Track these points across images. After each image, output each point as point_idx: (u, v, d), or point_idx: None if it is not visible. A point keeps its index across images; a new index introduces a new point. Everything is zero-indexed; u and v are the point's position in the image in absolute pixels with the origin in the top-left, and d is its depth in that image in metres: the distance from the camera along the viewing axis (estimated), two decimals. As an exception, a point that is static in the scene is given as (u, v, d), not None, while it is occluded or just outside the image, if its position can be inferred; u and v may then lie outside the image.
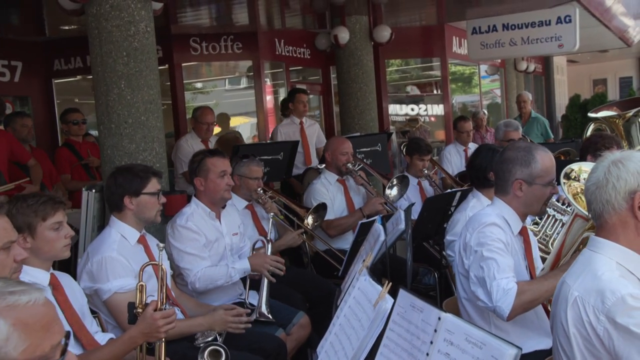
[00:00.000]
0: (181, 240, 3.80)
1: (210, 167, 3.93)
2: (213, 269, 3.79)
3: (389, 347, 2.06)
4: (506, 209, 2.98)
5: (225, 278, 3.80)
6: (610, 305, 1.94)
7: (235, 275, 3.83)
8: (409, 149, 6.15)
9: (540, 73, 17.84)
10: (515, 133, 6.22)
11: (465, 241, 2.96)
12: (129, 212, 3.37)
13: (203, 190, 3.96)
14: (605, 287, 1.98)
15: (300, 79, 10.95)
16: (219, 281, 3.79)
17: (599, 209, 2.12)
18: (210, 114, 6.64)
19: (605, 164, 2.12)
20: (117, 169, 3.52)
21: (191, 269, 3.75)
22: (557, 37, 9.62)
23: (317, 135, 7.79)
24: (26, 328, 1.34)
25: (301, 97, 7.59)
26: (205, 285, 3.77)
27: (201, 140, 6.54)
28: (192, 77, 9.99)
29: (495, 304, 2.71)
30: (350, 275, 2.91)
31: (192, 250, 3.79)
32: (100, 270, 3.17)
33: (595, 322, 1.97)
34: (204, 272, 3.75)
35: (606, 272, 2.02)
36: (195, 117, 6.65)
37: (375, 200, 5.19)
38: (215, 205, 4.01)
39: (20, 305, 1.36)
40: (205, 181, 3.93)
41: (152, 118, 4.50)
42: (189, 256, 3.78)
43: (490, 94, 15.15)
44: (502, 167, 3.00)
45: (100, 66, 4.42)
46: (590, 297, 2.00)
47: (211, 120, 6.58)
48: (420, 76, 12.81)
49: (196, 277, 3.74)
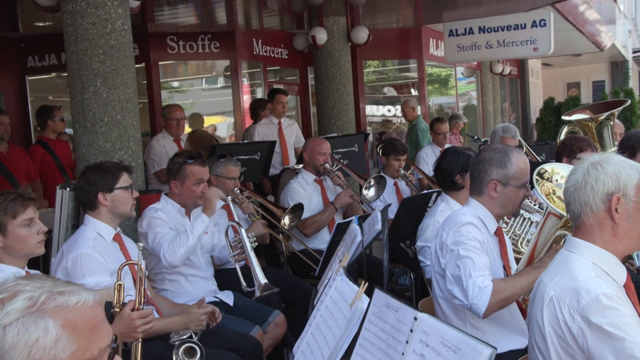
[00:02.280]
0: (150, 225, 3.87)
1: (189, 174, 3.96)
2: (176, 237, 3.82)
3: (365, 347, 2.07)
4: (481, 209, 3.00)
5: (189, 237, 3.78)
6: (585, 304, 1.97)
7: (195, 229, 3.81)
8: (385, 150, 6.17)
9: (516, 76, 18.06)
10: (512, 140, 5.84)
11: (442, 240, 2.98)
12: (103, 209, 3.36)
13: (178, 193, 3.98)
14: (581, 287, 2.00)
15: (277, 79, 10.94)
16: (185, 243, 3.77)
17: (577, 210, 2.15)
18: (178, 109, 6.62)
19: (584, 165, 2.15)
20: (86, 168, 3.50)
21: (161, 244, 3.79)
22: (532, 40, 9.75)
23: (296, 135, 7.78)
24: (75, 330, 1.30)
25: (281, 97, 7.56)
26: (175, 252, 3.74)
27: (173, 139, 6.50)
28: (168, 75, 9.92)
29: (471, 301, 2.74)
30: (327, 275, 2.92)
31: (159, 230, 3.84)
32: (75, 267, 3.15)
33: (570, 321, 2.00)
34: (168, 244, 3.78)
35: (582, 272, 2.05)
36: (164, 115, 6.63)
37: (344, 193, 5.24)
38: (186, 207, 4.03)
39: (70, 306, 1.31)
40: (181, 186, 3.97)
41: (128, 117, 4.46)
42: (158, 234, 3.83)
43: (467, 95, 15.28)
44: (477, 167, 3.02)
45: (75, 64, 4.37)
46: (566, 296, 2.03)
47: (180, 116, 6.54)
48: (397, 77, 12.87)
49: (164, 250, 3.76)
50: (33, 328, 1.26)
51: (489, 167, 2.97)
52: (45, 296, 1.29)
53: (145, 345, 2.88)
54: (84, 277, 3.13)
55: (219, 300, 4.00)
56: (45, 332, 1.27)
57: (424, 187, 6.49)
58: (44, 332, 1.27)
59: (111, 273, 3.19)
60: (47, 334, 1.27)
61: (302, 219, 5.05)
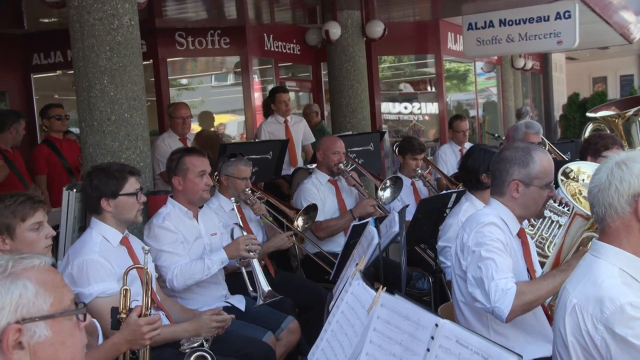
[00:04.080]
0: (157, 239, 3.81)
1: (189, 167, 3.95)
2: (190, 264, 3.81)
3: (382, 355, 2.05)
4: (503, 210, 2.98)
5: (203, 271, 3.80)
6: (609, 314, 1.93)
7: (213, 267, 3.82)
8: (402, 148, 6.15)
9: (538, 71, 17.95)
10: (535, 136, 5.85)
11: (463, 241, 2.96)
12: (107, 215, 3.36)
13: (181, 189, 3.97)
14: (604, 295, 1.97)
15: (289, 75, 10.94)
16: (196, 275, 3.78)
17: (602, 213, 2.10)
18: (184, 107, 6.65)
19: (608, 165, 2.11)
20: (91, 170, 3.49)
21: (168, 267, 3.76)
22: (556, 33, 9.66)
23: (304, 132, 7.77)
24: (47, 285, 1.56)
25: (281, 96, 7.53)
26: (183, 281, 3.76)
27: (179, 138, 6.52)
28: (177, 73, 9.96)
29: (493, 304, 2.71)
30: (343, 280, 2.91)
31: (169, 248, 3.80)
32: (81, 273, 3.15)
33: (594, 332, 1.96)
34: (180, 269, 3.76)
35: (607, 279, 2.01)
36: (169, 114, 6.66)
37: (366, 202, 5.19)
38: (193, 205, 4.02)
39: (35, 267, 1.57)
40: (183, 180, 3.95)
41: (136, 115, 4.48)
42: (166, 254, 3.78)
43: (486, 92, 15.21)
44: (499, 167, 3.00)
45: (82, 61, 4.39)
46: (589, 305, 1.99)
47: (185, 114, 6.56)
48: (414, 73, 12.83)
49: (173, 275, 3.74)
50: (14, 287, 1.51)
51: (511, 167, 2.95)
52: (11, 262, 1.56)
53: (154, 353, 2.89)
54: (90, 284, 3.13)
55: (230, 305, 4.00)
56: (25, 289, 1.52)
57: (442, 187, 6.47)
58: (25, 289, 1.52)
59: (118, 279, 3.18)
60: (27, 290, 1.52)
61: (316, 222, 5.05)
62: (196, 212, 4.06)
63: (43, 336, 1.51)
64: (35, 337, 1.50)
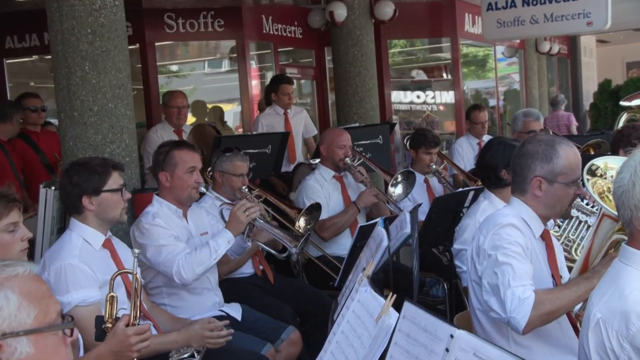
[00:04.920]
0: (151, 236, 3.81)
1: (178, 161, 3.94)
2: (194, 253, 3.81)
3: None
4: (525, 210, 2.98)
5: (211, 256, 3.80)
6: (635, 331, 1.92)
7: (219, 249, 3.83)
8: (414, 142, 6.15)
9: (566, 55, 17.90)
10: (536, 123, 6.10)
11: (479, 244, 2.96)
12: (89, 214, 3.35)
13: (168, 186, 3.97)
14: (631, 310, 1.95)
15: (290, 61, 10.94)
16: (204, 261, 3.77)
17: (628, 216, 2.09)
18: (181, 96, 6.67)
19: (632, 163, 2.09)
20: (70, 166, 3.49)
21: (172, 260, 3.76)
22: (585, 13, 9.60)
23: (305, 124, 7.77)
24: (31, 296, 1.55)
25: (286, 88, 7.51)
26: (192, 271, 3.75)
27: (174, 130, 6.53)
28: (166, 58, 9.97)
29: (509, 314, 2.71)
30: (349, 286, 2.92)
31: (166, 242, 3.81)
32: (59, 280, 3.15)
33: (619, 350, 1.95)
34: (185, 259, 3.75)
35: (634, 291, 2.00)
36: (164, 102, 6.68)
37: (368, 192, 5.23)
38: (182, 204, 4.03)
39: (19, 275, 1.56)
40: (171, 176, 3.95)
41: (121, 105, 4.48)
42: (166, 247, 3.79)
43: (508, 79, 15.18)
44: (520, 162, 3.00)
45: (60, 45, 4.40)
46: (614, 320, 1.98)
47: (182, 104, 6.58)
48: (427, 59, 12.82)
49: (179, 266, 3.74)
50: None
51: (533, 162, 2.95)
52: None
53: (142, 365, 2.90)
54: (69, 291, 3.12)
55: (224, 314, 4.01)
56: (7, 300, 1.50)
57: (459, 184, 6.46)
58: (6, 301, 1.50)
59: (100, 285, 3.20)
60: (9, 302, 1.51)
61: (320, 221, 5.05)
62: (185, 211, 4.07)
63: (25, 353, 1.48)
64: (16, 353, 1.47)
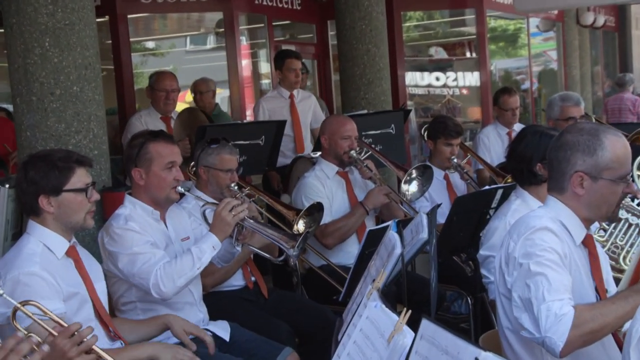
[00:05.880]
0: (123, 243, 3.79)
1: (154, 156, 3.91)
2: (174, 262, 3.79)
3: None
4: (564, 212, 2.97)
5: (194, 264, 3.77)
6: None
7: (203, 256, 3.80)
8: (433, 132, 6.15)
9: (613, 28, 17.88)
10: (576, 109, 6.06)
11: (508, 252, 2.96)
12: (48, 217, 3.34)
13: (143, 185, 3.95)
14: None
15: (287, 37, 10.95)
16: (186, 271, 3.75)
17: None
18: (170, 77, 6.71)
19: None
20: (28, 159, 3.45)
21: (148, 270, 3.74)
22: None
23: (313, 111, 7.78)
24: None
25: (292, 62, 7.54)
26: (172, 283, 3.73)
27: (161, 117, 6.56)
28: (141, 33, 9.97)
29: (544, 334, 2.70)
30: (356, 301, 2.91)
31: (141, 249, 3.78)
32: (16, 291, 3.13)
33: None
34: (163, 269, 3.73)
35: None
36: (150, 85, 6.71)
37: (378, 190, 5.21)
38: (159, 205, 4.02)
39: None
40: (146, 174, 3.91)
41: (88, 88, 4.48)
42: (140, 256, 3.77)
43: (543, 57, 15.19)
44: (557, 155, 2.99)
45: (14, 17, 4.39)
46: None
47: (171, 87, 6.61)
48: (448, 34, 12.82)
49: (157, 278, 3.72)
50: None
51: (573, 155, 2.94)
52: None
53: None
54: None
55: (210, 333, 4.00)
56: None
57: (484, 181, 6.46)
58: None
59: (64, 299, 3.21)
60: None
61: (322, 225, 5.05)
62: (163, 213, 4.05)
63: None
64: None
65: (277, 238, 3.96)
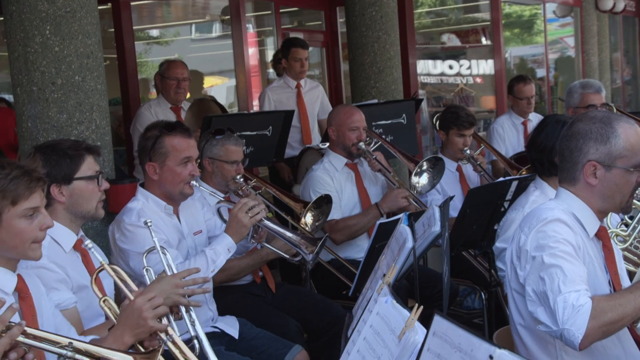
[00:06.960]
0: (136, 241, 3.79)
1: (170, 150, 3.90)
2: (186, 264, 3.78)
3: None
4: (576, 203, 2.98)
5: (208, 267, 3.79)
6: None
7: (218, 259, 3.83)
8: (445, 122, 6.14)
9: (633, 13, 17.78)
10: (597, 96, 6.08)
11: (519, 245, 2.96)
12: (59, 207, 3.36)
13: (157, 179, 3.94)
14: None
15: (295, 24, 10.94)
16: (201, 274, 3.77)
17: None
18: (180, 66, 6.74)
19: None
20: (36, 149, 3.49)
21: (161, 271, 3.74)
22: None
23: (321, 102, 7.80)
24: None
25: (298, 52, 7.55)
26: None
27: (171, 107, 6.58)
28: (145, 21, 9.96)
29: (562, 326, 2.69)
30: (366, 296, 2.92)
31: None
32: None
33: None
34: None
35: None
36: (160, 73, 6.73)
37: (397, 193, 5.18)
38: (172, 200, 4.01)
39: None
40: (160, 168, 3.91)
41: (89, 78, 4.48)
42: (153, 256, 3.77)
43: (560, 44, 15.13)
44: (569, 144, 2.99)
45: (14, 4, 4.40)
46: None
47: (182, 75, 6.64)
48: (461, 20, 12.78)
49: None
50: None
51: (585, 143, 2.94)
52: None
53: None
54: None
55: (218, 330, 4.01)
56: None
57: (499, 172, 6.45)
58: None
59: (74, 290, 3.24)
60: None
61: (331, 221, 5.05)
62: (176, 207, 4.05)
63: None
64: None
65: (296, 242, 3.96)
